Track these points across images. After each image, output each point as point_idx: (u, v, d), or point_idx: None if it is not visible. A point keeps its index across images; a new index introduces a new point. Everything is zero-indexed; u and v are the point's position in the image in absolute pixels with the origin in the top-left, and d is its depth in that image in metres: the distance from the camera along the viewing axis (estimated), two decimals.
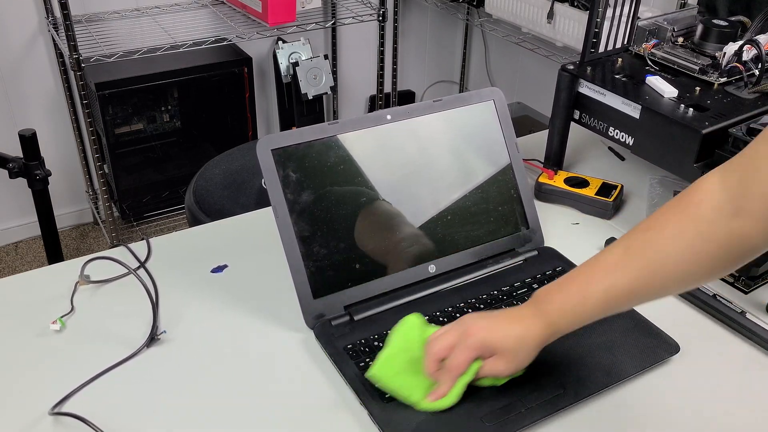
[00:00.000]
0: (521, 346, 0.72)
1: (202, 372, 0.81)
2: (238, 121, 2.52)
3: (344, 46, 2.79)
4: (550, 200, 1.13)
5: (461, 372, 0.73)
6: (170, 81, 2.32)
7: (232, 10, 2.33)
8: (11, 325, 0.86)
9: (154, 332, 0.84)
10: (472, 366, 0.73)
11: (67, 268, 0.95)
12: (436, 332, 0.75)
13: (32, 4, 2.20)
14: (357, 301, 0.88)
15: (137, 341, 0.84)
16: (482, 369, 0.73)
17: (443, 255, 0.94)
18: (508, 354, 0.72)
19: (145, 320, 0.86)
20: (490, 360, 0.73)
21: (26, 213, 2.44)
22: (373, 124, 0.91)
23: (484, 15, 2.48)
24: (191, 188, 1.52)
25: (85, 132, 2.27)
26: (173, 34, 2.14)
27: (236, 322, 0.88)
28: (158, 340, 0.84)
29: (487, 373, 0.73)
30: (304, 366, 0.81)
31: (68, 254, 2.39)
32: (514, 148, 0.99)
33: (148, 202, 2.48)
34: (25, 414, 0.74)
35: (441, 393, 0.74)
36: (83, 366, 0.80)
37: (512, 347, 0.72)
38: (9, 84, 2.26)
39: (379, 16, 2.40)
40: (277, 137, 0.86)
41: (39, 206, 1.67)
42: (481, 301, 0.89)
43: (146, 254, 0.99)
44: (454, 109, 0.96)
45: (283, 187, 0.85)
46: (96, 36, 2.11)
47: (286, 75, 2.53)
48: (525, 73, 2.82)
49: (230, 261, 0.98)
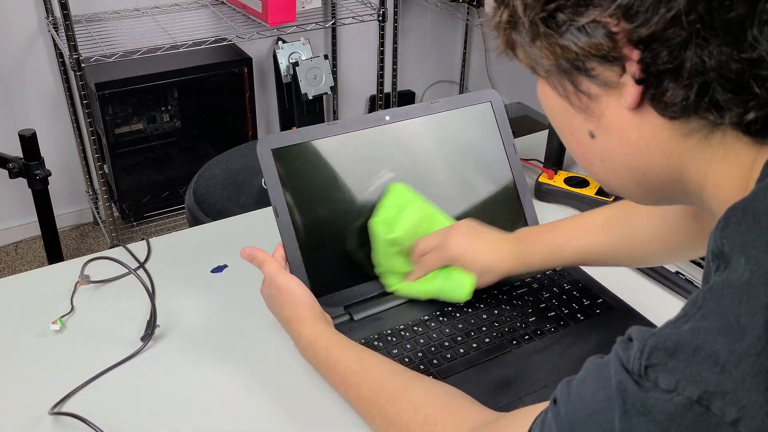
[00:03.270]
0: (486, 272, 0.86)
1: (203, 372, 0.81)
2: (238, 121, 2.52)
3: (344, 46, 2.79)
4: (550, 200, 1.13)
5: (428, 271, 0.88)
6: (170, 81, 2.32)
7: (232, 10, 2.33)
8: (11, 325, 0.86)
9: (151, 330, 0.84)
10: (443, 269, 0.87)
11: (67, 268, 0.95)
12: (428, 235, 0.88)
13: (32, 4, 2.20)
14: (357, 301, 0.88)
15: (137, 341, 0.84)
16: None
17: None
18: (472, 273, 0.86)
19: (145, 320, 0.86)
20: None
21: (26, 213, 2.44)
22: (372, 124, 0.91)
23: (484, 15, 2.48)
24: (191, 188, 1.52)
25: (85, 132, 2.27)
26: (173, 34, 2.14)
27: (236, 322, 0.88)
28: (153, 335, 0.84)
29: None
30: (304, 365, 0.81)
31: (68, 254, 2.39)
32: (512, 149, 0.99)
33: (148, 202, 2.47)
34: (25, 414, 0.74)
35: (411, 278, 0.89)
36: (83, 366, 0.80)
37: (477, 270, 0.86)
38: (9, 84, 2.26)
39: (379, 16, 2.40)
40: (278, 137, 0.86)
41: (39, 206, 1.67)
42: (481, 301, 0.89)
43: (146, 254, 0.99)
44: (452, 111, 0.96)
45: (283, 186, 0.85)
46: (96, 36, 2.11)
47: (286, 75, 2.53)
48: (525, 73, 2.81)
49: (230, 261, 0.98)
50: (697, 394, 0.41)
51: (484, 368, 0.80)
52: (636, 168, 0.52)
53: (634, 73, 0.46)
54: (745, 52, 0.43)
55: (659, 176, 0.52)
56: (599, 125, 0.52)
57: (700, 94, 0.45)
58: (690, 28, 0.43)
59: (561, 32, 0.48)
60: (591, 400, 0.46)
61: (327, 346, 0.76)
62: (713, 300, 0.43)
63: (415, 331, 0.85)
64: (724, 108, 0.45)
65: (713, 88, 0.45)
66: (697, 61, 0.44)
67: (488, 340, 0.83)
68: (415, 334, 0.84)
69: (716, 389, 0.40)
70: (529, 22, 0.49)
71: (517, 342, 0.83)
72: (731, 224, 0.45)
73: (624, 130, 0.50)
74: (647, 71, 0.46)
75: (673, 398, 0.41)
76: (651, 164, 0.51)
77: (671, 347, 0.42)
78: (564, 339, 0.84)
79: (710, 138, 0.48)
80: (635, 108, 0.48)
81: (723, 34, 0.43)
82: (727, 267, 0.44)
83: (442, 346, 0.82)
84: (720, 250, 0.45)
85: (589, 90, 0.50)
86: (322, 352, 0.76)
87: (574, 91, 0.51)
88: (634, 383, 0.44)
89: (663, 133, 0.49)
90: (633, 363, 0.44)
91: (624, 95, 0.48)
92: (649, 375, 0.43)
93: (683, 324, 0.43)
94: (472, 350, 0.82)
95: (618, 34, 0.46)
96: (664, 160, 0.50)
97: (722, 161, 0.49)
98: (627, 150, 0.51)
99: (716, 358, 0.41)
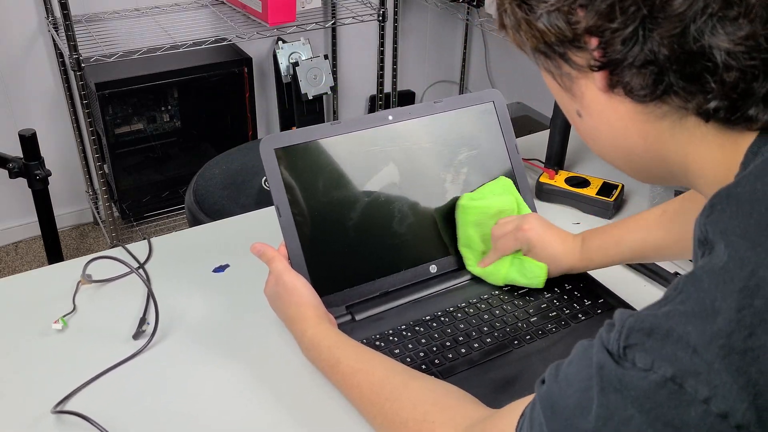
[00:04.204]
0: (552, 262, 0.88)
1: (204, 371, 0.81)
2: (238, 121, 2.52)
3: (344, 46, 2.79)
4: (551, 200, 1.13)
5: (503, 254, 0.91)
6: (170, 81, 2.32)
7: (232, 10, 2.33)
8: (13, 324, 0.87)
9: (142, 328, 0.84)
10: (516, 257, 0.91)
11: (68, 267, 0.95)
12: (506, 218, 0.92)
13: (32, 4, 2.20)
14: (358, 301, 0.89)
15: (140, 340, 0.84)
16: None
17: (444, 255, 0.94)
18: (541, 261, 0.89)
19: (148, 320, 0.86)
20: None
21: (26, 213, 2.44)
22: (374, 124, 0.91)
23: (484, 15, 2.48)
24: (191, 188, 1.52)
25: (85, 132, 2.27)
26: (173, 34, 2.14)
27: (238, 321, 0.88)
28: (143, 332, 0.85)
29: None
30: (306, 365, 0.81)
31: (68, 254, 2.39)
32: (514, 149, 0.99)
33: (148, 202, 2.47)
34: (27, 412, 0.75)
35: (485, 263, 0.92)
36: (85, 365, 0.80)
37: (546, 259, 0.88)
38: (9, 84, 2.26)
39: (379, 16, 2.40)
40: (280, 137, 0.86)
41: (39, 206, 1.67)
42: (483, 301, 0.89)
43: (147, 254, 0.99)
44: (455, 111, 0.96)
45: (285, 186, 0.85)
46: (96, 36, 2.11)
47: (286, 75, 2.53)
48: (525, 73, 2.82)
49: (231, 261, 0.98)
50: (671, 372, 0.42)
51: (485, 368, 0.80)
52: (619, 147, 0.55)
53: (591, 61, 0.50)
54: (688, 45, 0.45)
55: (642, 156, 0.54)
56: (582, 105, 0.55)
57: (656, 82, 0.48)
58: (633, 20, 0.46)
59: (536, 17, 0.51)
60: (573, 380, 0.48)
61: (330, 346, 0.76)
62: (692, 285, 0.44)
63: (416, 331, 0.85)
64: (684, 95, 0.48)
65: (668, 77, 0.47)
66: (648, 51, 0.46)
67: (490, 340, 0.83)
68: (416, 334, 0.84)
69: (690, 369, 0.41)
70: (509, 4, 0.54)
71: (519, 342, 0.83)
72: (716, 211, 0.46)
73: (602, 111, 0.53)
74: (605, 58, 0.49)
75: (648, 376, 0.43)
76: (630, 144, 0.54)
77: (647, 328, 0.44)
78: (565, 339, 0.84)
79: (684, 121, 0.50)
80: (607, 91, 0.51)
81: (666, 26, 0.45)
82: (710, 253, 0.45)
83: (443, 346, 0.83)
84: (705, 236, 0.46)
85: (570, 72, 0.53)
86: (325, 351, 0.76)
87: (558, 73, 0.54)
88: (613, 362, 0.45)
89: (637, 116, 0.51)
90: (612, 344, 0.46)
91: (594, 79, 0.51)
92: (627, 355, 0.44)
93: (662, 307, 0.45)
94: (474, 350, 0.82)
95: (577, 23, 0.49)
96: (642, 140, 0.53)
97: (700, 144, 0.50)
98: (608, 130, 0.55)
99: (688, 340, 0.42)
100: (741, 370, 0.40)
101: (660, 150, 0.53)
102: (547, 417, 0.48)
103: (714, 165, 0.50)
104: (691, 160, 0.52)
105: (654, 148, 0.53)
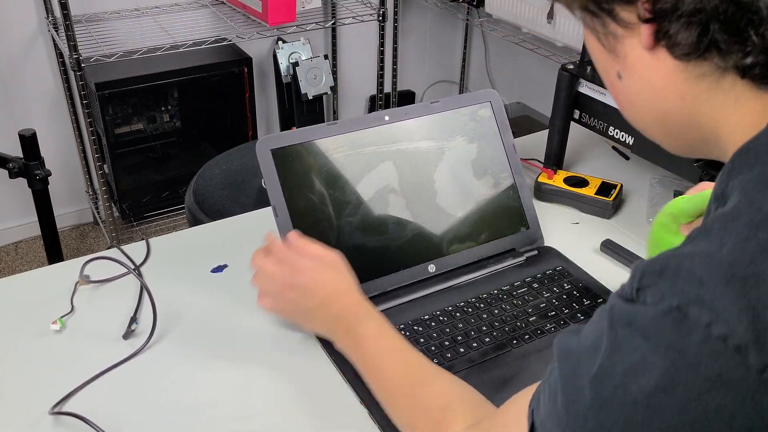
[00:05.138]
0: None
1: (202, 371, 0.81)
2: (238, 121, 2.52)
3: (344, 46, 2.79)
4: (550, 200, 1.13)
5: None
6: (170, 81, 2.32)
7: (232, 10, 2.33)
8: (11, 325, 0.86)
9: (132, 328, 0.84)
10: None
11: (67, 268, 0.95)
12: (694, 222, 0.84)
13: (32, 4, 2.20)
14: None
15: (137, 341, 0.84)
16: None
17: (443, 255, 0.94)
18: None
19: (145, 320, 0.86)
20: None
21: (26, 213, 2.44)
22: (371, 124, 0.91)
23: (484, 15, 2.48)
24: (191, 188, 1.52)
25: (85, 132, 2.27)
26: (173, 34, 2.14)
27: (236, 321, 0.88)
28: (132, 332, 0.85)
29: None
30: (304, 365, 0.81)
31: (68, 254, 2.39)
32: (512, 149, 0.99)
33: (148, 202, 2.48)
34: (25, 414, 0.75)
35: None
36: (83, 366, 0.80)
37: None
38: (9, 84, 2.27)
39: (379, 16, 2.40)
40: (277, 137, 0.86)
41: (39, 206, 1.67)
42: (482, 301, 0.89)
43: (145, 254, 0.99)
44: (452, 111, 0.96)
45: (282, 187, 0.85)
46: (96, 36, 2.11)
47: (286, 75, 2.53)
48: (525, 73, 2.82)
49: (230, 261, 0.98)
50: (677, 302, 0.44)
51: (484, 367, 0.80)
52: (656, 108, 0.56)
53: (641, 13, 0.51)
54: None
55: (677, 119, 0.56)
56: (624, 66, 0.56)
57: (701, 34, 0.49)
58: None
59: None
60: (590, 332, 0.50)
61: (381, 322, 0.78)
62: (703, 230, 0.46)
63: (415, 331, 0.85)
64: (725, 50, 0.49)
65: (713, 29, 0.48)
66: (696, 1, 0.48)
67: (489, 339, 0.83)
68: (415, 334, 0.84)
69: (695, 298, 0.43)
70: None
71: (518, 341, 0.83)
72: (736, 167, 0.48)
73: (644, 70, 0.54)
74: (653, 11, 0.50)
75: (656, 307, 0.45)
76: (667, 106, 0.55)
77: (658, 269, 0.46)
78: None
79: (721, 82, 0.51)
80: (651, 48, 0.52)
81: None
82: (724, 205, 0.47)
83: (442, 346, 0.83)
84: (722, 191, 0.48)
85: (616, 31, 0.54)
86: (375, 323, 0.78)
87: (603, 32, 0.55)
88: (625, 302, 0.47)
89: (678, 75, 0.53)
90: (626, 290, 0.48)
91: (640, 35, 0.52)
92: (639, 296, 0.46)
93: (674, 252, 0.47)
94: (473, 349, 0.82)
95: None
96: (680, 101, 0.54)
97: (734, 107, 0.52)
98: (648, 91, 0.56)
99: (694, 272, 0.44)
100: (741, 294, 0.42)
101: (695, 114, 0.54)
102: (561, 361, 0.51)
103: (745, 131, 0.52)
104: (723, 124, 0.53)
105: (690, 111, 0.54)
